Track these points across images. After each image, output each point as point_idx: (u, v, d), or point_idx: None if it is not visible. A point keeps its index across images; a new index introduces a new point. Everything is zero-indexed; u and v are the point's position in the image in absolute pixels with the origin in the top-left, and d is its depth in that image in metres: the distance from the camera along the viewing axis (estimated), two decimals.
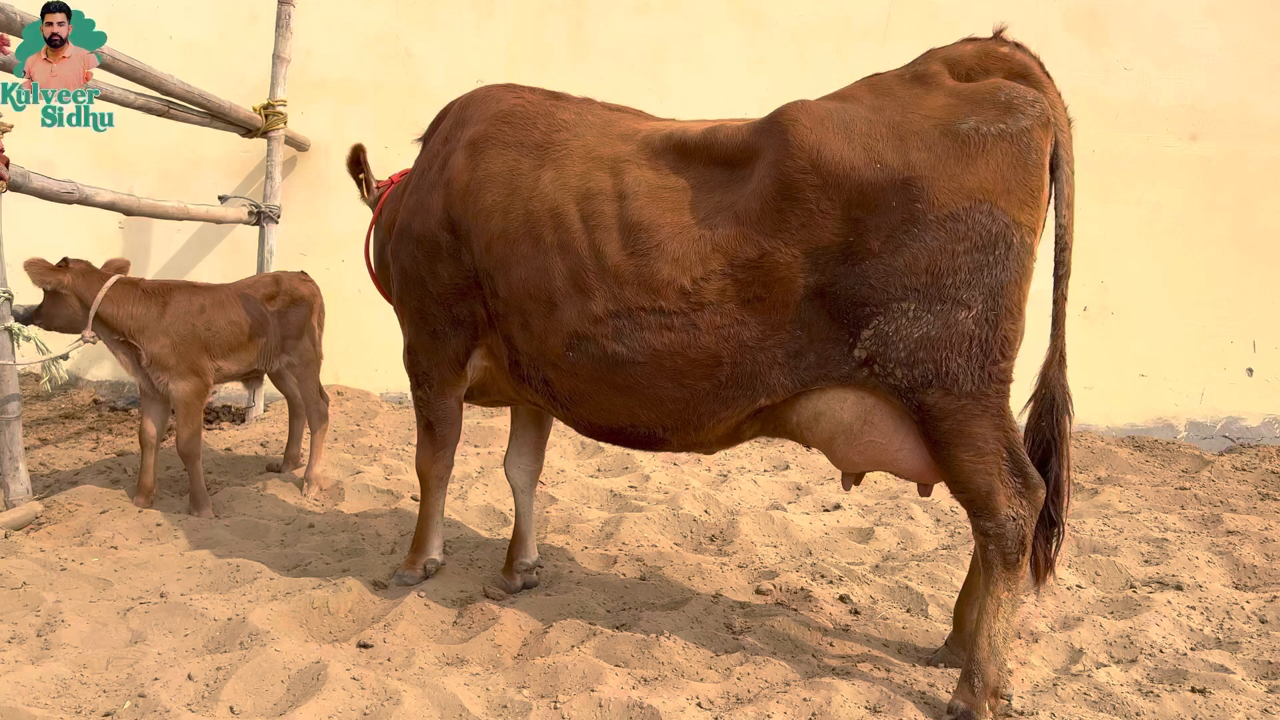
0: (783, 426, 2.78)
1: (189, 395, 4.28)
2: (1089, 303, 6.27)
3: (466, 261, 3.03)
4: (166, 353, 4.26)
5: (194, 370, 4.31)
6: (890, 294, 2.52)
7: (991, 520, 2.57)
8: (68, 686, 2.54)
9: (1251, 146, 6.13)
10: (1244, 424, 6.22)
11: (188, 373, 4.29)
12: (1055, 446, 2.71)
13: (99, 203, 4.66)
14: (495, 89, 3.26)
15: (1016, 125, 2.48)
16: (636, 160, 2.81)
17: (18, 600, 3.10)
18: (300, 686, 2.60)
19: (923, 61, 2.69)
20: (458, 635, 3.07)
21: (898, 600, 3.52)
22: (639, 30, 6.46)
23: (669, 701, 2.55)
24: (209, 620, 3.00)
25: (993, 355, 2.50)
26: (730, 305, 2.65)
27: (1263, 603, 3.54)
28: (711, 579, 3.63)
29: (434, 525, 3.43)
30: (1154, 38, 6.17)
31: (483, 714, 2.50)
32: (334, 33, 6.56)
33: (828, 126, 2.55)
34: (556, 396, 2.95)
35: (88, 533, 3.84)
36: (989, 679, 2.58)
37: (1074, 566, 3.94)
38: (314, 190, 6.66)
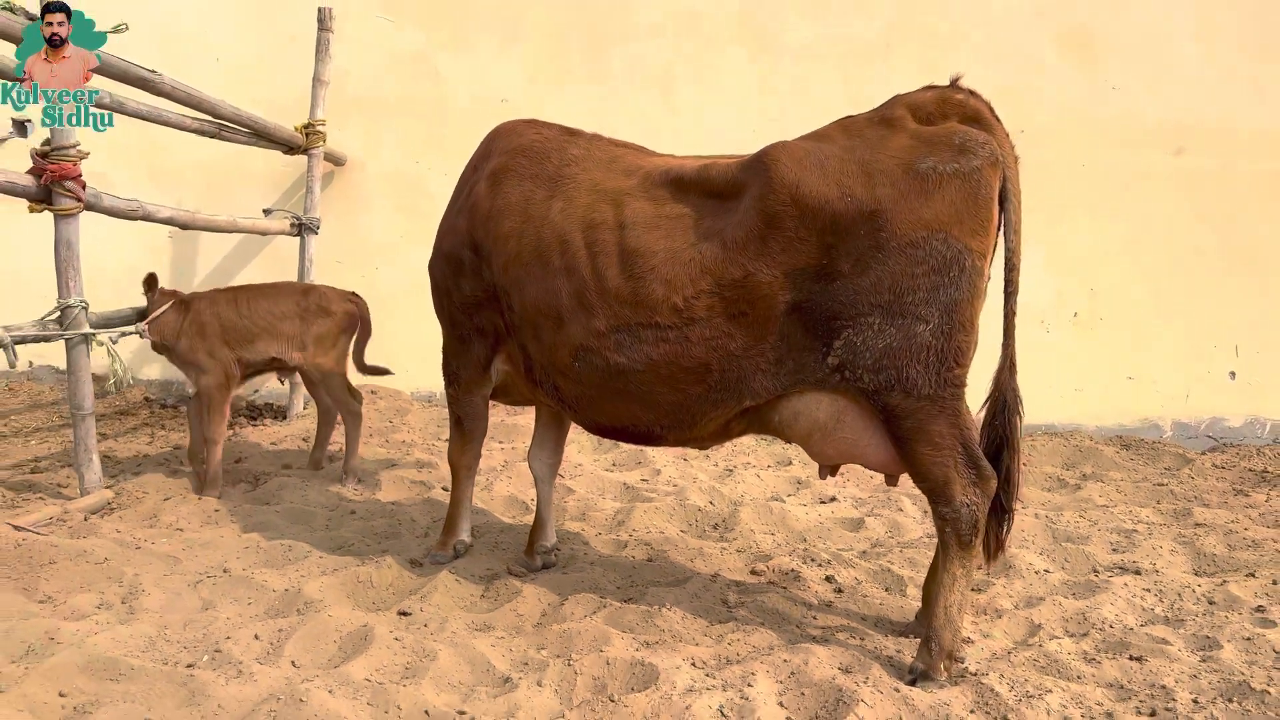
0: (766, 424, 3.19)
1: (214, 387, 4.73)
2: (1079, 309, 6.62)
3: (487, 278, 3.45)
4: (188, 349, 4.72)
5: (216, 363, 4.74)
6: (858, 309, 2.91)
7: (948, 506, 2.96)
8: (154, 643, 2.98)
9: (1234, 161, 6.44)
10: (1227, 424, 6.55)
11: (210, 365, 4.74)
12: (1007, 442, 3.09)
13: (159, 219, 5.13)
14: (519, 124, 3.69)
15: (969, 165, 2.86)
16: (636, 194, 3.22)
17: (102, 573, 3.54)
18: (350, 645, 3.02)
19: (889, 106, 3.07)
20: (484, 606, 3.49)
21: (879, 581, 3.91)
22: (652, 52, 6.86)
23: (666, 660, 2.96)
24: (268, 591, 3.44)
25: (948, 363, 2.89)
26: (718, 320, 3.05)
27: (1214, 586, 3.89)
28: (712, 561, 4.04)
29: (463, 510, 3.87)
30: (1141, 58, 6.50)
31: (507, 669, 2.92)
32: (368, 55, 7.00)
33: (806, 165, 2.95)
34: (565, 400, 3.37)
35: (155, 517, 4.29)
36: (945, 644, 2.97)
37: (1045, 553, 4.31)
38: (349, 202, 7.11)
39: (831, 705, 2.75)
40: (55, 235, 4.30)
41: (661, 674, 2.85)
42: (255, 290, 4.96)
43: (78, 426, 4.44)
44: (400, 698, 2.68)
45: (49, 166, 4.18)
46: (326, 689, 2.67)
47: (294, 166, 7.11)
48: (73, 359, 4.37)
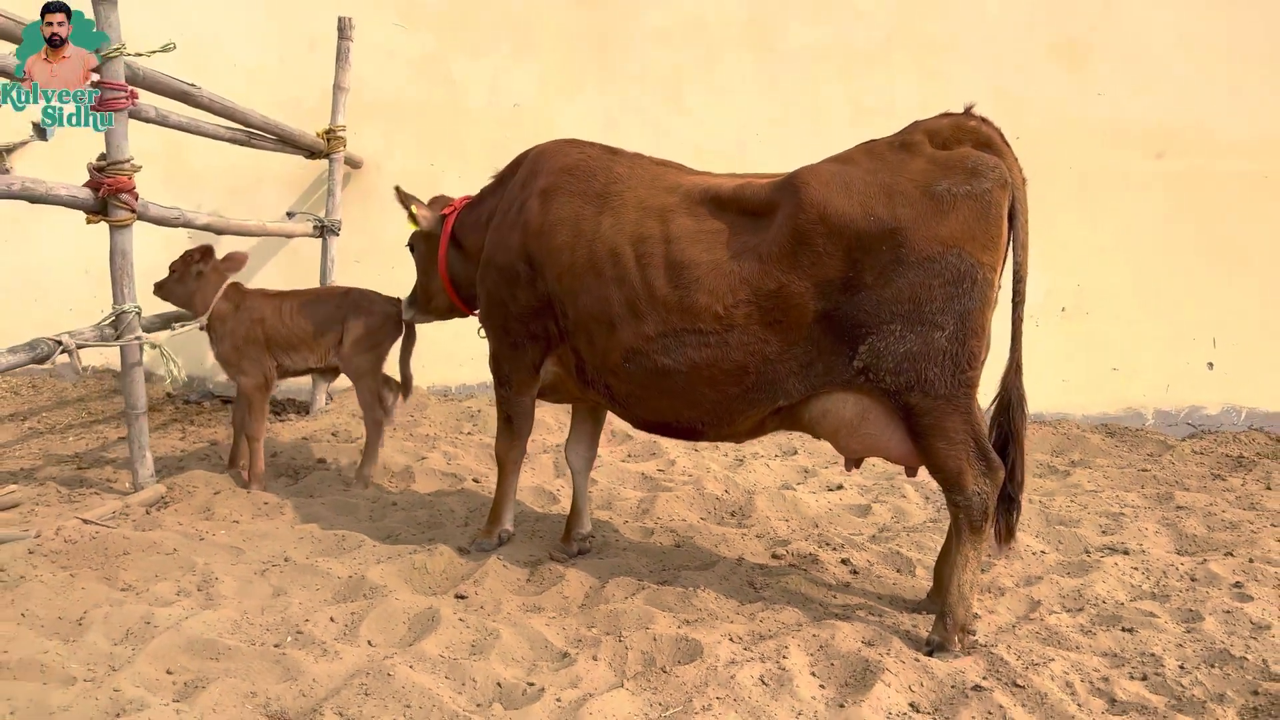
0: (797, 422, 3.50)
1: (251, 388, 4.98)
2: (1067, 304, 6.95)
3: (540, 288, 3.73)
4: (230, 350, 4.96)
5: (255, 366, 4.99)
6: (881, 318, 3.22)
7: (961, 495, 3.28)
8: (239, 626, 3.26)
9: (1213, 163, 6.77)
10: (1205, 412, 6.92)
11: (250, 369, 4.98)
12: (1013, 437, 3.41)
13: (198, 225, 5.36)
14: (562, 144, 3.96)
15: (980, 187, 3.17)
16: (679, 210, 3.51)
17: (174, 563, 3.81)
18: (419, 626, 3.31)
19: (909, 132, 3.37)
20: (532, 589, 3.79)
21: (890, 563, 4.23)
22: (660, 57, 7.12)
23: (708, 636, 3.26)
24: (333, 578, 3.72)
25: (961, 366, 3.20)
26: (755, 327, 3.35)
27: (1195, 565, 4.24)
28: (734, 546, 4.35)
29: (508, 501, 4.16)
30: (1126, 65, 6.81)
31: (564, 645, 3.22)
32: (385, 60, 7.23)
33: (833, 187, 3.24)
34: (616, 398, 3.67)
35: (209, 510, 4.56)
36: (958, 619, 3.29)
37: (1040, 536, 4.65)
38: (367, 203, 7.33)
39: (860, 674, 3.07)
40: (110, 245, 4.53)
41: (705, 648, 3.16)
42: (300, 297, 5.15)
43: (132, 425, 4.69)
44: (474, 671, 2.97)
45: (105, 180, 4.41)
46: (407, 664, 2.95)
47: (310, 169, 7.34)
48: (127, 362, 4.61)
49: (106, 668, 2.88)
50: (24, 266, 7.74)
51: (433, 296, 4.63)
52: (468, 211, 4.38)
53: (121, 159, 4.45)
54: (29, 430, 6.33)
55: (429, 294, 4.65)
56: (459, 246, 4.35)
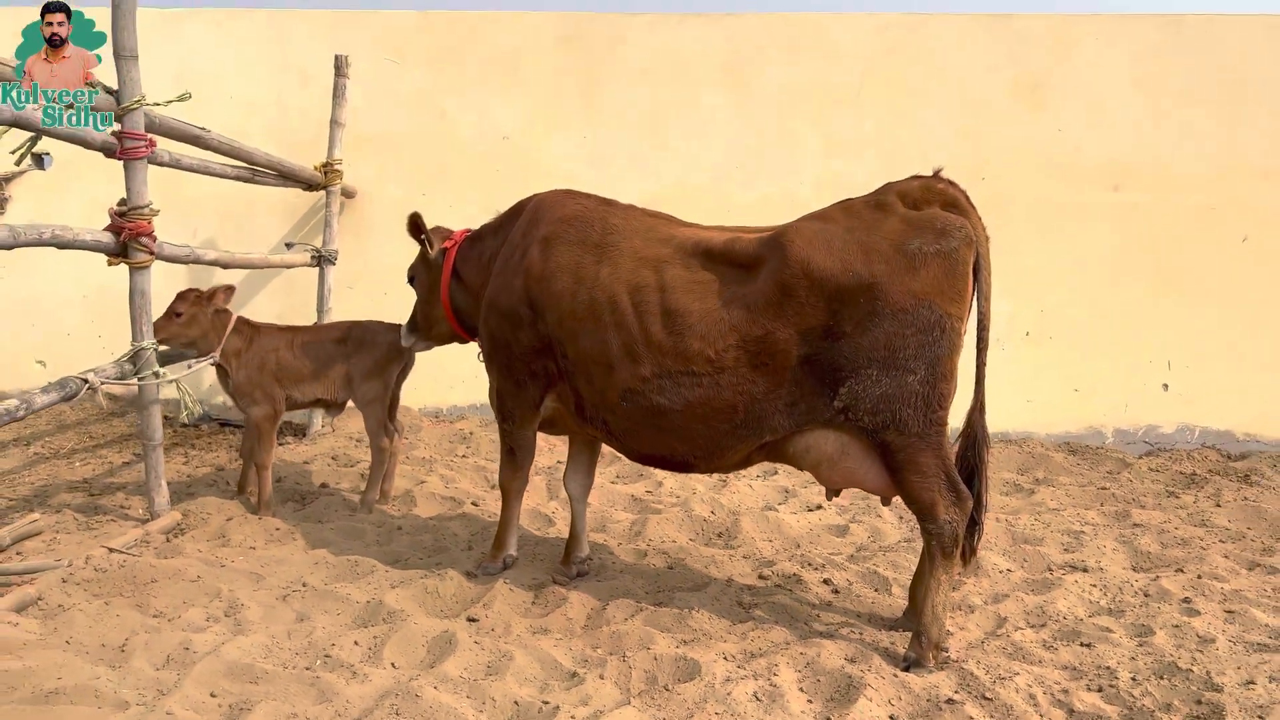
0: (782, 455, 3.81)
1: (261, 418, 5.24)
2: (1030, 329, 7.34)
3: (542, 330, 4.02)
4: (244, 382, 5.21)
5: (266, 397, 5.25)
6: (859, 363, 3.53)
7: (934, 523, 3.60)
8: (270, 651, 3.51)
9: (1166, 197, 7.19)
10: (1161, 431, 7.32)
11: (262, 399, 5.24)
12: (977, 470, 3.74)
13: (206, 261, 5.61)
14: (561, 195, 4.24)
15: (948, 245, 3.49)
16: (673, 260, 3.82)
17: (199, 590, 4.05)
18: (438, 648, 3.58)
19: (882, 193, 3.69)
20: (538, 611, 4.07)
21: (868, 582, 4.54)
22: (642, 95, 7.44)
23: (703, 655, 3.56)
24: (352, 602, 3.97)
25: (933, 406, 3.52)
26: (743, 369, 3.66)
27: (1148, 581, 4.59)
28: (723, 567, 4.66)
29: (511, 528, 4.44)
30: (1083, 104, 7.22)
31: (573, 665, 3.51)
32: (378, 95, 7.49)
33: (815, 245, 3.56)
34: (613, 433, 3.97)
35: (224, 536, 4.80)
36: (933, 637, 3.60)
37: (1007, 554, 4.98)
38: (360, 232, 7.60)
39: (844, 689, 3.38)
40: (130, 285, 4.76)
41: (702, 667, 3.45)
42: (309, 333, 5.43)
43: (148, 456, 4.93)
44: (492, 691, 3.25)
45: (126, 225, 4.65)
46: (431, 685, 3.22)
47: (304, 198, 7.58)
48: (144, 396, 4.84)
49: (155, 692, 3.13)
50: (21, 293, 7.91)
51: (434, 324, 4.89)
52: (469, 246, 4.66)
53: (141, 204, 4.70)
54: (34, 456, 6.52)
55: (430, 321, 4.90)
56: (458, 278, 4.63)
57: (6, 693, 3.04)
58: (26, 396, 4.13)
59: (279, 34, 7.63)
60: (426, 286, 4.85)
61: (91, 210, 7.46)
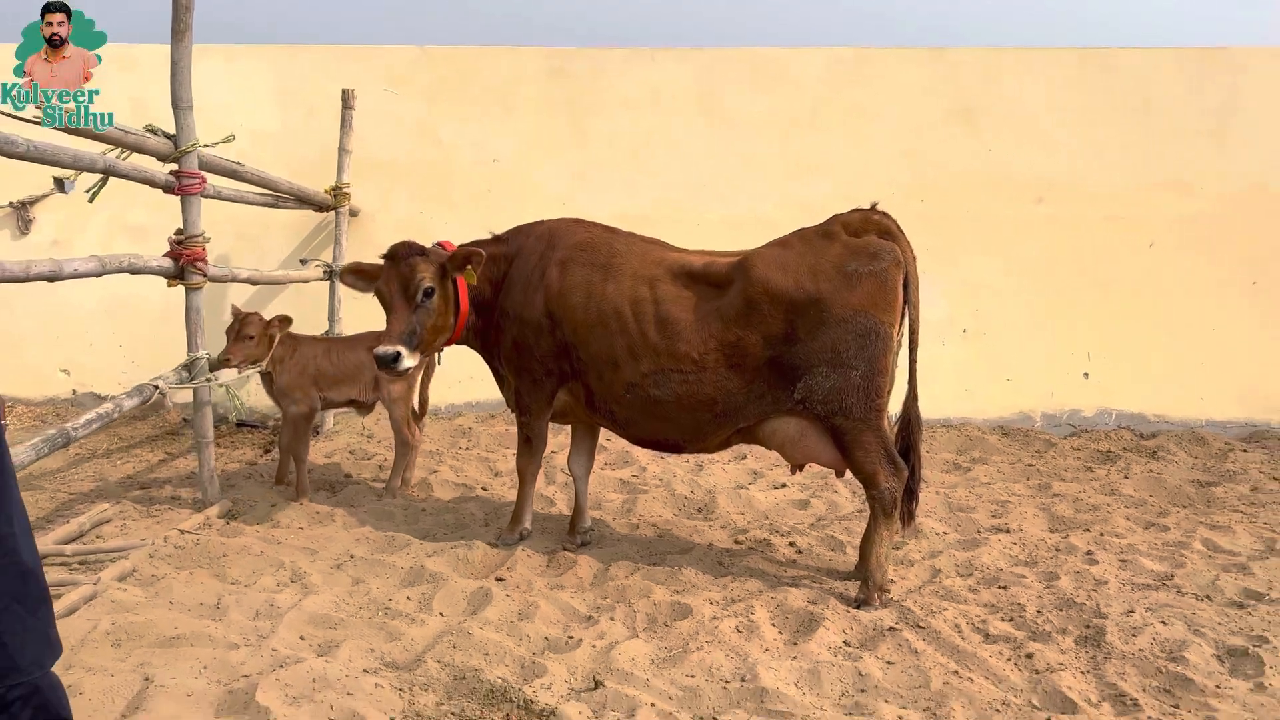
0: (755, 438, 4.66)
1: (298, 416, 6.00)
2: (968, 325, 8.26)
3: (559, 337, 4.82)
4: (287, 385, 5.97)
5: (305, 398, 6.01)
6: (812, 362, 4.38)
7: (876, 490, 4.45)
8: (339, 605, 4.28)
9: (1083, 208, 8.14)
10: (1083, 414, 8.27)
11: (301, 400, 6.01)
12: (913, 446, 4.61)
13: (241, 279, 6.35)
14: (570, 223, 5.01)
15: (880, 266, 4.35)
16: (664, 279, 4.64)
17: (265, 562, 4.80)
18: (476, 601, 4.37)
19: (830, 223, 4.53)
20: (554, 572, 4.87)
21: (826, 545, 5.39)
22: (626, 123, 8.26)
23: (694, 601, 4.38)
24: (398, 569, 4.75)
25: (872, 396, 4.37)
26: (721, 368, 4.49)
27: (1060, 539, 5.47)
28: (705, 535, 5.49)
29: (527, 505, 5.24)
30: (1011, 127, 8.15)
31: (587, 610, 4.32)
32: (382, 124, 8.24)
33: (773, 267, 4.40)
34: (617, 421, 4.79)
35: (274, 520, 5.54)
36: (877, 581, 4.45)
37: (943, 520, 5.86)
38: (364, 247, 8.27)
39: (807, 623, 4.23)
40: (186, 304, 5.50)
41: (694, 609, 4.28)
42: (344, 342, 6.23)
43: (201, 451, 5.67)
44: (526, 630, 4.05)
45: (184, 251, 5.39)
46: (478, 627, 4.02)
47: (311, 218, 8.32)
48: (199, 399, 5.58)
49: (256, 636, 3.90)
50: (47, 306, 8.55)
51: (440, 335, 5.52)
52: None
53: (195, 233, 5.43)
54: (75, 456, 7.20)
55: (437, 333, 5.48)
56: None
57: (137, 639, 3.80)
58: (116, 401, 4.85)
59: (286, 68, 8.35)
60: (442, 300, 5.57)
61: (108, 230, 8.20)
